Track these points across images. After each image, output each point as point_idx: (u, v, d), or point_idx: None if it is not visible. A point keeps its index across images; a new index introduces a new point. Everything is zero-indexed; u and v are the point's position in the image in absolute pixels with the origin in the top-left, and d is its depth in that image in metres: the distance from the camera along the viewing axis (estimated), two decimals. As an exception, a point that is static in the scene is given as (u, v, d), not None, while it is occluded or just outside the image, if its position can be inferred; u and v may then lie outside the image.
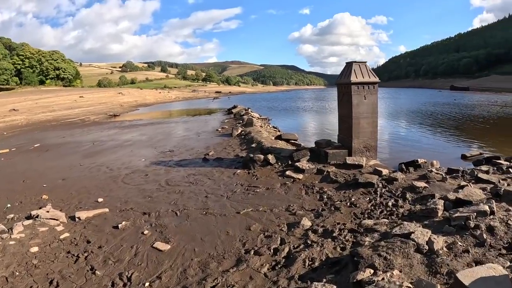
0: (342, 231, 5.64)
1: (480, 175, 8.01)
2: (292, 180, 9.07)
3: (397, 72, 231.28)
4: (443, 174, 8.40)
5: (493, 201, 5.60)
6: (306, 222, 6.07)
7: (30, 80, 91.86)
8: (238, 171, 10.23)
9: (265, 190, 8.39)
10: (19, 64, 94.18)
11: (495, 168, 9.28)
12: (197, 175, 10.12)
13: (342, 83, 10.62)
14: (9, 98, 52.74)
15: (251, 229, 6.10)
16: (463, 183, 7.50)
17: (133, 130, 22.80)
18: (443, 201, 5.99)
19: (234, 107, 36.73)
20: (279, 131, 19.72)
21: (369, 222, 5.76)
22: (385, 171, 8.72)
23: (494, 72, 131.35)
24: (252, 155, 10.77)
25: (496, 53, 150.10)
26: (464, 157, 12.64)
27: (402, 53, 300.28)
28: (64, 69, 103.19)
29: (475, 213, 4.97)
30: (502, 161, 10.47)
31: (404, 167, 9.31)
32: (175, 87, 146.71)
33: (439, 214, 5.61)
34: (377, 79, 10.33)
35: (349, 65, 10.41)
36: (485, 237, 4.41)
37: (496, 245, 4.31)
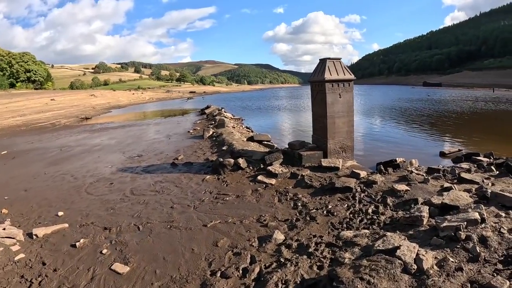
0: (318, 245, 5.04)
1: (463, 174, 7.63)
2: (264, 186, 8.46)
3: (371, 69, 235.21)
4: (424, 175, 7.99)
5: (482, 205, 5.13)
6: (279, 236, 5.45)
7: (0, 83, 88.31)
8: (207, 176, 9.56)
9: (235, 198, 7.76)
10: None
11: (476, 166, 9.00)
12: (164, 183, 9.43)
13: (316, 81, 10.03)
14: (-22, 104, 50.40)
15: (218, 245, 5.46)
16: (446, 184, 7.07)
17: (103, 133, 21.90)
18: (427, 207, 5.49)
19: (207, 107, 36.29)
20: (252, 131, 19.23)
21: (348, 233, 5.19)
22: (363, 173, 8.21)
23: (465, 68, 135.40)
24: (222, 159, 10.10)
25: (468, 50, 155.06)
26: (442, 154, 12.38)
27: (375, 51, 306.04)
28: (35, 71, 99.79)
29: (465, 222, 4.47)
30: (481, 158, 10.27)
31: (382, 168, 8.84)
32: (149, 88, 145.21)
33: (425, 222, 5.11)
34: (352, 76, 9.79)
35: (322, 61, 9.85)
36: (478, 251, 3.93)
37: (491, 259, 3.86)
